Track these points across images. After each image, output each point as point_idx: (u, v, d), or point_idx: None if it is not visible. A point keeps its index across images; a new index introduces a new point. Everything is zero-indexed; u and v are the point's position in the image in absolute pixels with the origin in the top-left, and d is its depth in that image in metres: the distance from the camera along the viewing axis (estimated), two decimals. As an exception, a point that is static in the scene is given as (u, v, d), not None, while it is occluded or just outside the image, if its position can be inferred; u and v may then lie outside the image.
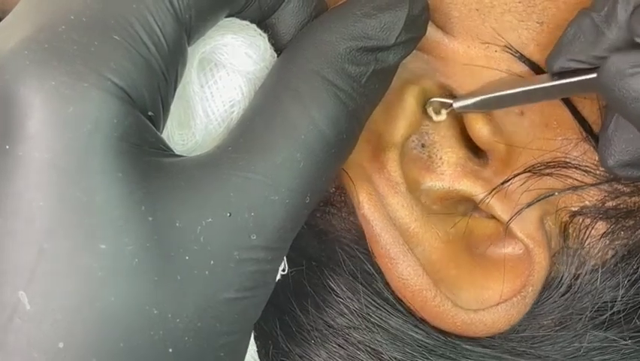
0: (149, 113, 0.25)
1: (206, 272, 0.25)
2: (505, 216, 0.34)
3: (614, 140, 0.32)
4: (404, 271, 0.32)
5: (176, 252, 0.24)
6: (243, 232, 0.25)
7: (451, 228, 0.34)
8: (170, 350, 0.24)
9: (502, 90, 0.32)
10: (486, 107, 0.32)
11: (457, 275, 0.34)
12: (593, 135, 0.33)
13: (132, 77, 0.24)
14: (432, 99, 0.33)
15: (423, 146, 0.34)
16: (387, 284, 0.34)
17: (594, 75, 0.30)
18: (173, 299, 0.24)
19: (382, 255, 0.33)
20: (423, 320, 0.34)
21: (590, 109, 0.34)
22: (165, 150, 0.26)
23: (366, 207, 0.32)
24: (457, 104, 0.32)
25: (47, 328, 0.23)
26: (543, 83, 0.31)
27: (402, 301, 0.34)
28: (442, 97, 0.33)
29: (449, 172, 0.34)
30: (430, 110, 0.33)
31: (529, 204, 0.33)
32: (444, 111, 0.33)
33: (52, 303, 0.23)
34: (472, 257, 0.34)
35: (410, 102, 0.33)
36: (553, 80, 0.31)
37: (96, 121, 0.24)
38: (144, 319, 0.24)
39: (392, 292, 0.34)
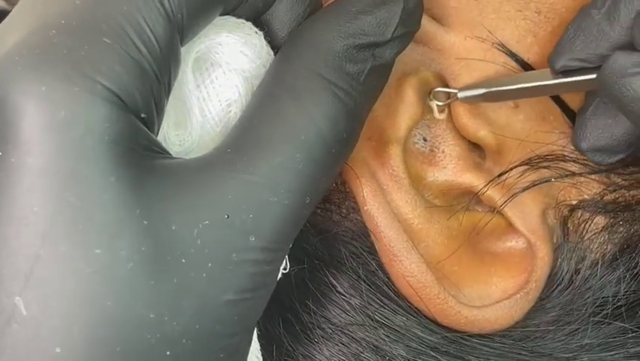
0: (142, 116, 0.25)
1: (204, 275, 0.25)
2: (505, 208, 0.33)
3: (590, 123, 0.32)
4: (408, 268, 0.32)
5: (172, 255, 0.24)
6: (242, 233, 0.25)
7: (450, 220, 0.34)
8: (168, 353, 0.24)
9: (507, 85, 0.32)
10: (489, 99, 0.32)
11: (460, 271, 0.34)
12: None
13: (123, 79, 0.24)
14: (436, 89, 0.33)
15: (425, 140, 0.34)
16: (390, 281, 0.33)
17: (594, 76, 0.30)
18: (170, 302, 0.24)
19: (386, 251, 0.32)
20: (427, 317, 0.34)
21: (578, 103, 0.33)
22: (160, 153, 0.26)
23: (371, 202, 0.32)
24: (462, 94, 0.32)
25: (44, 333, 0.23)
26: (547, 80, 0.31)
27: (405, 298, 0.33)
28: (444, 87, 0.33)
29: (452, 165, 0.33)
30: (433, 105, 0.33)
31: (524, 189, 0.33)
32: (446, 110, 0.33)
33: (48, 308, 0.23)
34: (475, 253, 0.34)
35: (409, 94, 0.32)
36: (556, 77, 0.31)
37: (87, 125, 0.24)
38: (140, 323, 0.24)
39: (395, 289, 0.33)
